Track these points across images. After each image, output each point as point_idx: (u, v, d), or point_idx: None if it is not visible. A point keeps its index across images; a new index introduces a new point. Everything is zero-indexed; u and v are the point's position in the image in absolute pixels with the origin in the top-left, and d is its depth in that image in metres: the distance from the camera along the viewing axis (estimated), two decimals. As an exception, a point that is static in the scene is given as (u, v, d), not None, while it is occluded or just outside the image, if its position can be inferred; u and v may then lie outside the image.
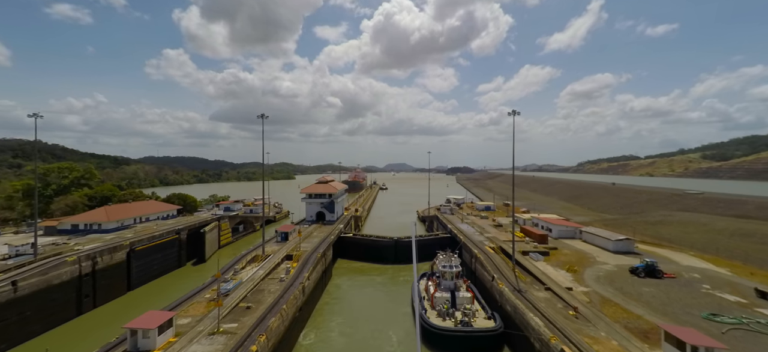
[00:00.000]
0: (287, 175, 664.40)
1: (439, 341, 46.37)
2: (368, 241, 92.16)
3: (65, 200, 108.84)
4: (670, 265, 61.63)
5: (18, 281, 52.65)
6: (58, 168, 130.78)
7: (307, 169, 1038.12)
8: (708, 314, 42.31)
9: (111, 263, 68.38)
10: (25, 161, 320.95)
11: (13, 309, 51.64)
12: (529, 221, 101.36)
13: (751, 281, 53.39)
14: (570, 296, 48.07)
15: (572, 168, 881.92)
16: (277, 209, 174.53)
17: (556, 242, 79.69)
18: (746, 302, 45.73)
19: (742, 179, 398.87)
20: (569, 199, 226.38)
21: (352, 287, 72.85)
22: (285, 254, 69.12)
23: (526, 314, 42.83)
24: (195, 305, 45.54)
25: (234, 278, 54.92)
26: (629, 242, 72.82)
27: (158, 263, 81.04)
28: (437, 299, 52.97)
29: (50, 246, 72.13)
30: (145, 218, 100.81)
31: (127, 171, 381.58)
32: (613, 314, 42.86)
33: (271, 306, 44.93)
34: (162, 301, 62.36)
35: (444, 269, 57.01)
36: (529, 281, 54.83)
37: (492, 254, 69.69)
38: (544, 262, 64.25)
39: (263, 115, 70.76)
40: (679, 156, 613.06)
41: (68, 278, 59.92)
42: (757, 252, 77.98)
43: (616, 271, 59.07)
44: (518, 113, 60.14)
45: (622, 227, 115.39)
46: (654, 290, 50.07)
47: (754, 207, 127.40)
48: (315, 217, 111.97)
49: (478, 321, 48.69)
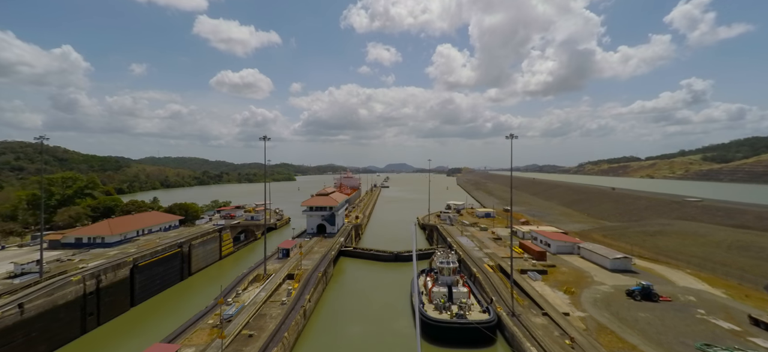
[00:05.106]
0: (288, 176, 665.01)
1: (436, 333, 49.00)
2: (368, 254, 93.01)
3: (69, 212, 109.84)
4: (667, 286, 62.41)
5: (24, 303, 53.60)
6: (62, 178, 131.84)
7: (308, 170, 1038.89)
8: (701, 344, 43.06)
9: (115, 280, 69.26)
10: (28, 163, 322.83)
11: (19, 331, 52.51)
12: (528, 235, 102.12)
13: (746, 306, 54.20)
14: (567, 322, 48.87)
15: (573, 169, 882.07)
16: (278, 215, 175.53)
17: (555, 258, 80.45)
18: (740, 330, 46.53)
19: (743, 181, 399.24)
20: (569, 204, 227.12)
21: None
22: (286, 274, 70.03)
23: (524, 343, 43.67)
24: (198, 332, 46.45)
25: (236, 301, 55.80)
26: (627, 260, 73.57)
27: (161, 277, 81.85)
28: (435, 294, 55.67)
29: (55, 262, 73.11)
30: (147, 230, 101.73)
31: (128, 173, 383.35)
32: (609, 344, 43.66)
33: (273, 334, 45.82)
34: (165, 318, 63.58)
35: (442, 265, 59.45)
36: (527, 305, 55.64)
37: (490, 273, 70.53)
38: (541, 282, 65.04)
39: (265, 138, 71.78)
40: (680, 158, 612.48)
41: (73, 297, 60.82)
42: (753, 268, 78.76)
43: (613, 293, 59.85)
44: (516, 137, 60.90)
45: (621, 237, 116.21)
46: (650, 316, 50.86)
47: (753, 217, 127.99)
48: (316, 230, 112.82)
49: (473, 314, 51.33)
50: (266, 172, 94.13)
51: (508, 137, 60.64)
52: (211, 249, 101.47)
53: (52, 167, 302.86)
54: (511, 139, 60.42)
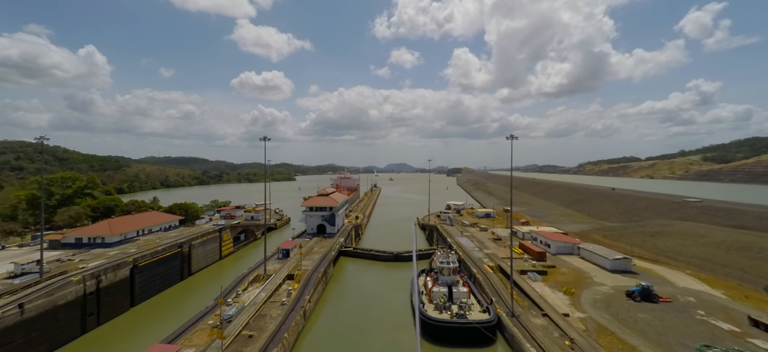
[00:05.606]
0: (288, 176, 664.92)
1: (436, 333, 49.02)
2: (368, 255, 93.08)
3: (69, 212, 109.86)
4: (666, 287, 62.46)
5: (25, 303, 53.64)
6: (62, 178, 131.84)
7: (308, 170, 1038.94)
8: (701, 345, 43.11)
9: (115, 280, 69.32)
10: (28, 163, 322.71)
11: (19, 331, 52.54)
12: (527, 235, 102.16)
13: (745, 306, 54.25)
14: (566, 323, 48.91)
15: (573, 169, 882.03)
16: (279, 215, 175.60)
17: (555, 259, 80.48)
18: (739, 331, 46.57)
19: (743, 182, 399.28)
20: (569, 204, 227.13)
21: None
22: (286, 274, 70.08)
23: (524, 344, 43.71)
24: (198, 332, 46.49)
25: (236, 301, 55.83)
26: (626, 261, 73.62)
27: (161, 277, 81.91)
28: (435, 294, 55.79)
29: (55, 262, 73.13)
30: (147, 230, 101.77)
31: (128, 173, 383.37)
32: (609, 345, 43.71)
33: (273, 334, 45.86)
34: (165, 318, 63.60)
35: (442, 265, 59.41)
36: (527, 306, 55.68)
37: (490, 273, 70.57)
38: (541, 283, 65.07)
39: (265, 138, 71.85)
40: (680, 158, 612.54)
41: (73, 297, 60.85)
42: (753, 269, 78.77)
43: (613, 294, 59.89)
44: (516, 138, 60.95)
45: (621, 237, 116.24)
46: (649, 317, 50.91)
47: (753, 217, 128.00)
48: (316, 230, 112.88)
49: (473, 314, 51.44)
50: (266, 172, 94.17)
51: (509, 138, 60.72)
52: (211, 249, 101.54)
53: (52, 167, 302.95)
54: (511, 140, 60.47)
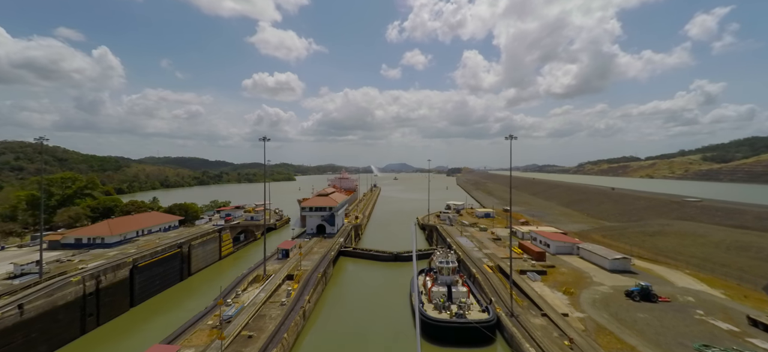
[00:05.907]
0: (288, 176, 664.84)
1: (436, 333, 49.02)
2: (368, 255, 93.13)
3: (68, 212, 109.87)
4: (666, 287, 62.52)
5: (24, 304, 53.65)
6: (62, 179, 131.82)
7: (307, 170, 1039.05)
8: (700, 344, 43.17)
9: (114, 280, 69.30)
10: (27, 163, 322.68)
11: (19, 332, 52.55)
12: (527, 235, 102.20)
13: (744, 306, 54.29)
14: (566, 323, 48.96)
15: (572, 169, 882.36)
16: (278, 215, 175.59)
17: (554, 259, 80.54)
18: (738, 331, 46.62)
19: (742, 181, 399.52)
20: (569, 204, 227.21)
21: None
22: (286, 274, 70.11)
23: (523, 343, 43.75)
24: (198, 333, 46.53)
25: (236, 302, 55.85)
26: (626, 260, 73.67)
27: (160, 278, 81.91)
28: (434, 293, 55.83)
29: (55, 263, 73.14)
30: (147, 231, 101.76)
31: (128, 173, 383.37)
32: (608, 345, 43.77)
33: (273, 334, 45.90)
34: (165, 319, 63.59)
35: (441, 264, 59.47)
36: (526, 306, 55.72)
37: (490, 273, 70.60)
38: (541, 282, 65.13)
39: (265, 138, 71.93)
40: (680, 158, 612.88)
41: (73, 298, 60.85)
42: (753, 269, 78.77)
43: (612, 294, 59.93)
44: (515, 138, 60.94)
45: (620, 237, 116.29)
46: (648, 317, 50.96)
47: (752, 217, 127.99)
48: (315, 230, 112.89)
49: (472, 314, 51.53)
50: (266, 173, 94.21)
51: (508, 138, 60.73)
52: (210, 249, 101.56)
53: (52, 167, 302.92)
54: (511, 140, 60.49)
